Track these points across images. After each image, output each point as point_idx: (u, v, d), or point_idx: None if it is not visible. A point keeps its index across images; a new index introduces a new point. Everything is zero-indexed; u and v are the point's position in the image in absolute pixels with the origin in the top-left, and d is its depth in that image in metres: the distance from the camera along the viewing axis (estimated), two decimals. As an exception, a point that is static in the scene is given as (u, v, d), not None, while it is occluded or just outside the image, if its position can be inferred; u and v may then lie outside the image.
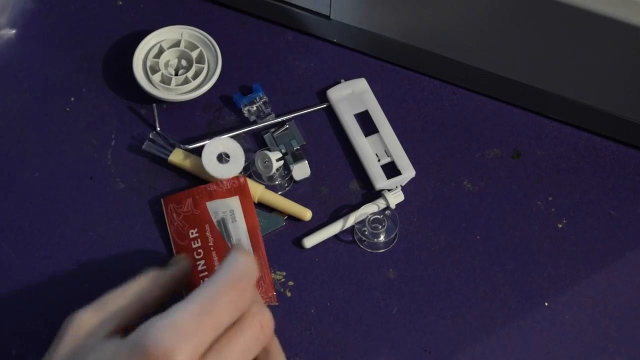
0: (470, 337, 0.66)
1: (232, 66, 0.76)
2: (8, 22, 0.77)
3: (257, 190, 0.70)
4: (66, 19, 0.78)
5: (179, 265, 0.58)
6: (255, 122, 0.73)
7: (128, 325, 0.51)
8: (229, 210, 0.68)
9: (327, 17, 0.75)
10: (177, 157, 0.71)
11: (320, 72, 0.76)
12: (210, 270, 0.66)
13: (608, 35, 0.63)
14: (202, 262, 0.66)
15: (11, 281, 0.67)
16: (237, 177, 0.69)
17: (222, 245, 0.67)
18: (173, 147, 0.71)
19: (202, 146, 0.70)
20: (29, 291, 0.67)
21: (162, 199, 0.69)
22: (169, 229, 0.68)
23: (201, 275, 0.66)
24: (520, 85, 0.72)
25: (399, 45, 0.74)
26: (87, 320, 0.51)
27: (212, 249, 0.67)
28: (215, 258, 0.66)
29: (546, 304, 0.67)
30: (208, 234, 0.67)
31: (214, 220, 0.68)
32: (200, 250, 0.67)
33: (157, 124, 0.56)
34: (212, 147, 0.70)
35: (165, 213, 0.69)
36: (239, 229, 0.68)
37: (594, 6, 0.62)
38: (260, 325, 0.51)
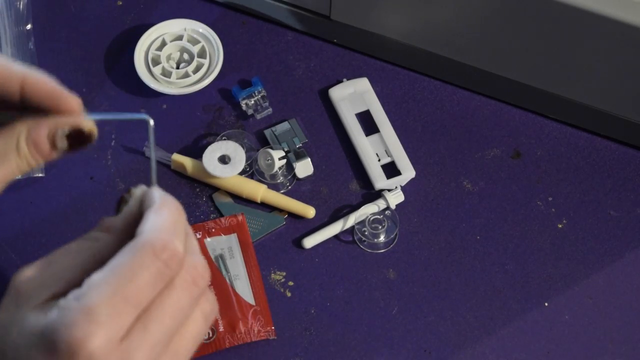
0: (470, 337, 0.66)
1: (233, 66, 0.76)
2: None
3: (260, 190, 0.70)
4: (66, 19, 0.78)
5: (131, 205, 0.49)
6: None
7: (75, 286, 0.45)
8: (227, 247, 0.68)
9: (327, 17, 0.75)
10: (178, 163, 0.71)
11: (320, 72, 0.76)
12: None
13: (608, 35, 0.63)
14: None
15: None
16: (235, 215, 0.69)
17: (220, 281, 0.67)
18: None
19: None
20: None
21: None
22: None
23: None
24: (520, 85, 0.72)
25: (399, 45, 0.74)
26: (28, 281, 0.46)
27: (209, 285, 0.66)
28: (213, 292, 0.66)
29: (546, 304, 0.67)
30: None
31: (212, 256, 0.68)
32: None
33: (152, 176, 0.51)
34: (213, 149, 0.70)
35: None
36: (237, 265, 0.67)
37: (594, 6, 0.62)
38: (192, 281, 0.45)
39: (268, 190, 0.70)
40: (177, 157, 0.71)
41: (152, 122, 0.47)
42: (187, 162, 0.70)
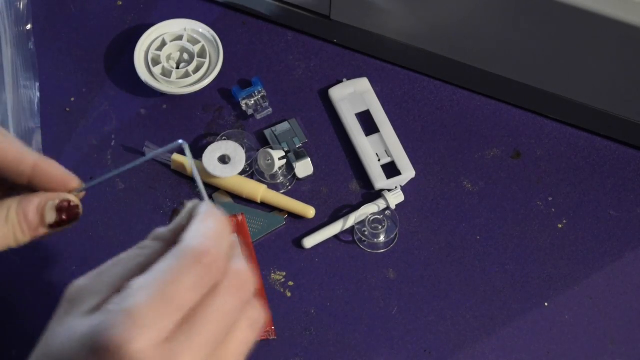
0: (470, 337, 0.66)
1: (233, 66, 0.76)
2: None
3: (260, 190, 0.70)
4: (66, 19, 0.78)
5: (183, 216, 0.51)
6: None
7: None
8: None
9: (327, 17, 0.75)
10: (178, 163, 0.71)
11: (320, 72, 0.76)
12: None
13: (608, 35, 0.63)
14: None
15: (11, 281, 0.67)
16: (235, 215, 0.69)
17: None
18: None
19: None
20: (28, 291, 0.67)
21: None
22: None
23: None
24: (520, 85, 0.72)
25: (399, 45, 0.74)
26: (79, 290, 0.47)
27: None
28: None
29: (546, 304, 0.68)
30: None
31: None
32: None
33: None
34: (213, 149, 0.70)
35: None
36: None
37: (594, 6, 0.62)
38: (236, 287, 0.46)
39: (268, 190, 0.70)
40: (177, 157, 0.71)
41: (186, 145, 0.51)
42: (187, 162, 0.70)
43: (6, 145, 0.53)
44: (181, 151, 0.69)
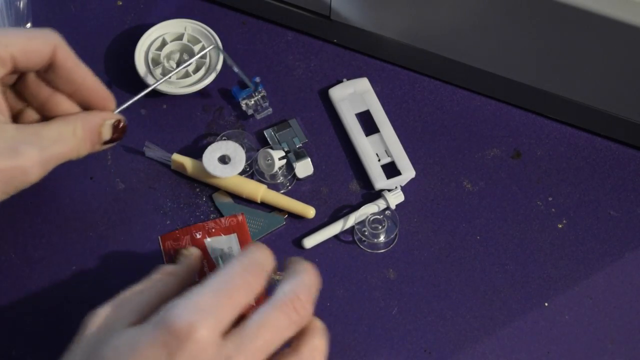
0: (470, 337, 0.66)
1: (232, 66, 0.76)
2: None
3: (260, 190, 0.70)
4: (66, 19, 0.78)
5: (190, 258, 0.61)
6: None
7: (147, 318, 0.52)
8: (226, 247, 0.68)
9: (327, 17, 0.75)
10: (178, 163, 0.71)
11: (320, 72, 0.76)
12: None
13: (608, 35, 0.63)
14: None
15: (11, 281, 0.67)
16: (235, 215, 0.69)
17: None
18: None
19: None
20: (28, 291, 0.67)
21: (159, 237, 0.69)
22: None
23: None
24: (520, 85, 0.72)
25: (399, 45, 0.74)
26: (106, 316, 0.52)
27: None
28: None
29: (546, 304, 0.68)
30: (206, 269, 0.67)
31: (212, 257, 0.68)
32: None
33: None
34: (213, 149, 0.70)
35: (162, 249, 0.68)
36: None
37: (594, 6, 0.62)
38: (293, 306, 0.52)
39: (268, 190, 0.70)
40: (177, 157, 0.71)
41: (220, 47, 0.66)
42: (187, 162, 0.70)
43: (68, 54, 0.60)
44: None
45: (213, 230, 0.68)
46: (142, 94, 0.66)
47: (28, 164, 0.56)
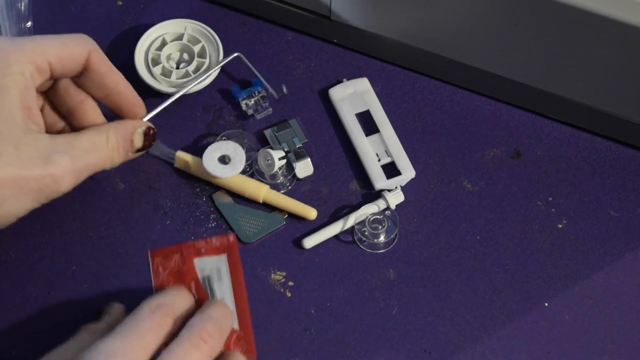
0: (470, 337, 0.66)
1: (233, 66, 0.76)
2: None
3: (262, 190, 0.70)
4: (66, 19, 0.78)
5: (114, 314, 0.62)
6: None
7: None
8: (215, 268, 0.67)
9: (327, 17, 0.75)
10: (182, 160, 0.71)
11: (320, 72, 0.76)
12: None
13: (608, 35, 0.63)
14: None
15: (11, 281, 0.67)
16: (227, 236, 0.69)
17: None
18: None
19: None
20: (28, 291, 0.67)
21: (149, 251, 0.68)
22: (152, 282, 0.67)
23: None
24: (520, 85, 0.72)
25: (399, 45, 0.74)
26: None
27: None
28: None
29: (546, 304, 0.68)
30: (193, 291, 0.66)
31: (200, 277, 0.67)
32: None
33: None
34: (213, 149, 0.70)
35: (151, 266, 0.68)
36: (224, 288, 0.66)
37: (594, 6, 0.62)
38: (200, 336, 0.54)
39: (270, 190, 0.70)
40: (181, 154, 0.71)
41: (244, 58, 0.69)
42: (190, 159, 0.70)
43: (102, 59, 0.61)
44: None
45: (203, 250, 0.68)
46: (172, 99, 0.68)
47: (60, 173, 0.57)
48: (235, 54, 0.73)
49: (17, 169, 0.55)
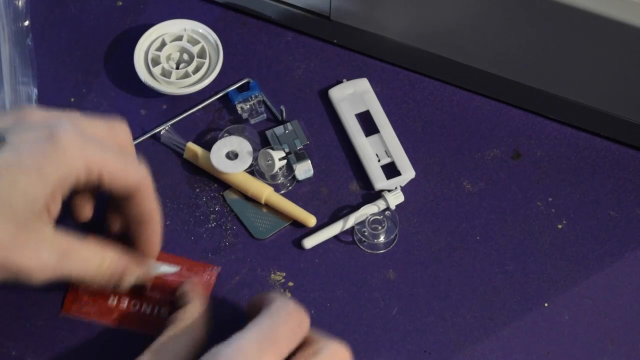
0: (470, 337, 0.66)
1: (232, 66, 0.76)
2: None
3: (265, 192, 0.70)
4: (66, 19, 0.78)
5: (198, 300, 0.60)
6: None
7: None
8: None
9: (327, 18, 0.75)
10: (191, 152, 0.71)
11: (320, 73, 0.76)
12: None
13: (608, 36, 0.63)
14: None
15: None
16: (211, 268, 0.67)
17: None
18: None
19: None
20: (28, 291, 0.67)
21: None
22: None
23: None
24: (520, 85, 0.72)
25: (399, 45, 0.74)
26: None
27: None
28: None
29: (546, 304, 0.68)
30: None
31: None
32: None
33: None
34: (219, 147, 0.70)
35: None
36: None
37: (594, 6, 0.62)
38: (332, 355, 0.54)
39: (273, 193, 0.70)
40: (191, 145, 0.71)
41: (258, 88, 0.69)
42: (200, 152, 0.70)
43: (150, 196, 0.59)
44: None
45: (170, 282, 0.66)
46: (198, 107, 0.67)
47: (37, 267, 0.54)
48: (246, 79, 0.73)
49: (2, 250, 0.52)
